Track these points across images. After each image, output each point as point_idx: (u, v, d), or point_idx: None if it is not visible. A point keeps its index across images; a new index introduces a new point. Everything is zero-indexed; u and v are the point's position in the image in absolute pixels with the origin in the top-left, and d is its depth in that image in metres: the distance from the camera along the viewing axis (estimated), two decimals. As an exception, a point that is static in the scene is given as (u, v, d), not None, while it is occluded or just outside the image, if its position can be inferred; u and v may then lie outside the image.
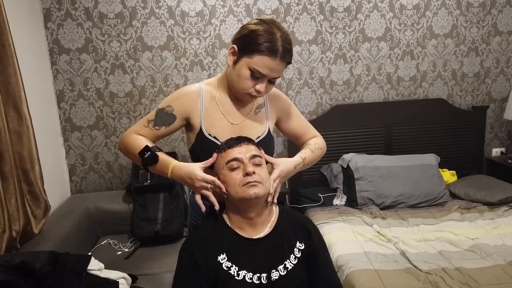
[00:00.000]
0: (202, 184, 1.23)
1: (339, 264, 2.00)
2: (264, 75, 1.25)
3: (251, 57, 1.23)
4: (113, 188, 2.90)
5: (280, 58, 1.24)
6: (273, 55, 1.22)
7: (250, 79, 1.26)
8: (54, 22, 2.60)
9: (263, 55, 1.22)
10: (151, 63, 2.76)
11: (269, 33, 1.23)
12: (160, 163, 1.29)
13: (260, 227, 1.25)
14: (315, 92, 3.01)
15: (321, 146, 1.48)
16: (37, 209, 2.01)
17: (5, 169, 1.75)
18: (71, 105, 2.73)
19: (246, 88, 1.28)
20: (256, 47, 1.22)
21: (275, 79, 1.30)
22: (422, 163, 2.84)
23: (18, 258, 1.48)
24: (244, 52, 1.25)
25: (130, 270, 1.91)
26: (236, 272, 1.18)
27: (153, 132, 1.36)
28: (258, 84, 1.27)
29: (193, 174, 1.23)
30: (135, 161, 1.35)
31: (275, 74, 1.27)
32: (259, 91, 1.28)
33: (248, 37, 1.25)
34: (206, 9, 2.73)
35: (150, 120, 1.36)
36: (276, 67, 1.25)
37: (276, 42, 1.22)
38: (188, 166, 1.26)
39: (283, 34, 1.25)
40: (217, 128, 1.35)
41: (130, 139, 1.35)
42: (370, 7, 2.92)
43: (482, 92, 3.20)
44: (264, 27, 1.24)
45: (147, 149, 1.29)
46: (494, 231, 2.28)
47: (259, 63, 1.23)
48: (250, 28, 1.25)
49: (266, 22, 1.26)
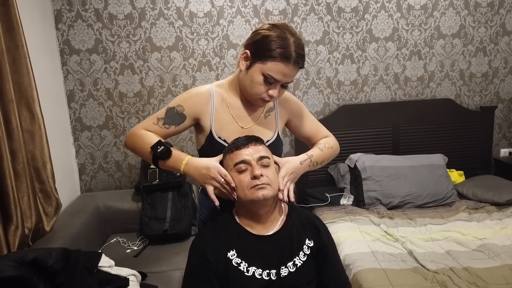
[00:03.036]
0: (217, 175, 1.23)
1: (347, 263, 2.01)
2: (278, 80, 1.26)
3: (265, 63, 1.24)
4: (122, 187, 2.93)
5: (294, 64, 1.25)
6: (287, 60, 1.23)
7: (263, 84, 1.27)
8: (65, 23, 2.64)
9: (276, 61, 1.23)
10: (159, 64, 2.79)
11: (282, 39, 1.24)
12: (173, 157, 1.30)
13: (269, 225, 1.26)
14: (322, 92, 3.02)
15: (331, 145, 1.47)
16: (48, 207, 2.04)
17: (18, 167, 1.78)
18: (81, 105, 2.77)
19: (259, 93, 1.29)
20: (270, 53, 1.23)
21: (288, 84, 1.32)
22: (429, 163, 2.83)
23: (31, 254, 1.50)
24: (257, 58, 1.26)
25: (139, 268, 1.93)
26: (246, 268, 1.20)
27: (162, 130, 1.37)
28: (271, 89, 1.28)
29: (210, 163, 1.25)
30: (143, 155, 1.35)
31: (288, 79, 1.28)
32: (272, 96, 1.29)
33: (261, 43, 1.26)
34: (214, 10, 2.76)
35: (160, 118, 1.37)
36: (289, 72, 1.26)
37: (289, 48, 1.23)
38: (205, 159, 1.28)
39: (296, 39, 1.26)
40: (227, 131, 1.36)
41: (140, 134, 1.35)
42: (377, 7, 2.92)
43: (490, 92, 3.19)
44: (277, 33, 1.25)
45: (160, 143, 1.30)
46: (502, 231, 2.27)
47: (273, 69, 1.24)
48: (263, 34, 1.26)
49: (278, 27, 1.26)
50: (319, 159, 1.41)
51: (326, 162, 1.46)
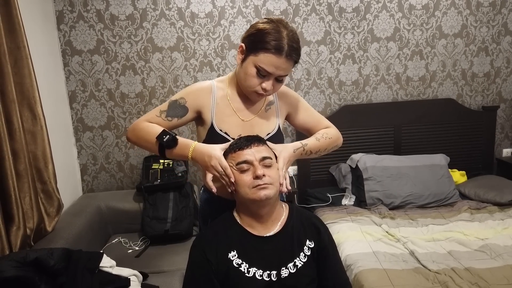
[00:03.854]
0: (217, 165, 1.22)
1: (348, 264, 2.01)
2: (270, 73, 1.26)
3: (257, 55, 1.25)
4: (124, 188, 2.94)
5: (286, 56, 1.24)
6: (278, 52, 1.23)
7: (256, 77, 1.28)
8: (67, 24, 2.65)
9: (268, 52, 1.23)
10: (161, 64, 2.79)
11: (275, 31, 1.24)
12: (179, 145, 1.29)
13: (270, 225, 1.26)
14: (324, 92, 3.02)
15: (330, 136, 1.46)
16: (50, 208, 2.05)
17: (20, 168, 1.78)
18: (83, 105, 2.77)
19: (252, 86, 1.30)
20: (262, 45, 1.24)
21: (283, 78, 1.31)
22: (431, 163, 2.83)
23: (33, 254, 1.51)
24: (251, 50, 1.27)
25: (141, 268, 1.94)
26: (247, 269, 1.20)
27: (165, 122, 1.37)
28: (265, 82, 1.28)
29: (213, 152, 1.23)
30: (147, 147, 1.34)
31: (281, 72, 1.27)
32: (265, 89, 1.29)
33: (255, 36, 1.27)
34: (216, 10, 2.76)
35: (162, 111, 1.37)
36: (281, 65, 1.25)
37: (281, 40, 1.23)
38: (210, 146, 1.27)
39: (290, 32, 1.25)
40: (228, 124, 1.37)
41: (143, 126, 1.35)
42: (379, 7, 2.92)
43: (492, 92, 3.18)
44: (271, 26, 1.25)
45: (165, 132, 1.29)
46: (504, 231, 2.27)
47: (264, 61, 1.25)
48: (258, 27, 1.27)
49: (274, 21, 1.27)
50: (314, 148, 1.40)
51: (324, 152, 1.45)
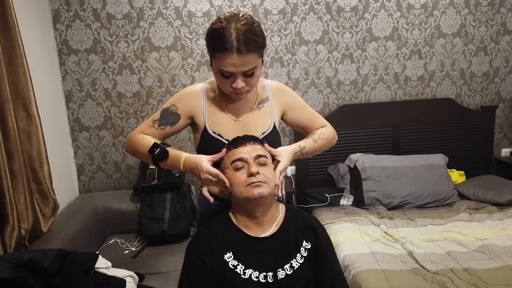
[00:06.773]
0: (207, 176, 1.22)
1: (346, 264, 2.00)
2: (231, 72, 1.22)
3: (215, 58, 1.24)
4: (121, 188, 2.92)
5: (237, 52, 1.18)
6: (228, 50, 1.18)
7: (224, 79, 1.26)
8: (63, 23, 2.63)
9: (219, 53, 1.20)
10: (158, 64, 2.78)
11: (221, 29, 1.19)
12: (171, 157, 1.29)
13: (266, 226, 1.25)
14: (322, 92, 3.00)
15: (327, 136, 1.46)
16: (45, 208, 2.03)
17: (14, 168, 1.76)
18: (80, 105, 2.76)
19: (226, 88, 1.29)
20: (214, 47, 1.22)
21: (251, 71, 1.24)
22: (430, 163, 2.82)
23: (26, 256, 1.49)
24: (210, 55, 1.26)
25: (137, 269, 1.92)
26: (242, 271, 1.18)
27: (158, 131, 1.37)
28: (233, 82, 1.25)
29: (200, 165, 1.23)
30: (144, 159, 1.36)
31: (243, 67, 1.21)
32: (236, 88, 1.25)
33: (208, 39, 1.26)
34: (213, 10, 2.74)
35: (155, 120, 1.38)
36: (237, 61, 1.19)
37: (227, 38, 1.17)
38: (197, 158, 1.26)
39: (237, 24, 1.18)
40: (220, 125, 1.36)
41: (137, 139, 1.36)
42: (377, 7, 2.90)
43: (491, 91, 3.17)
44: (219, 25, 1.21)
45: (156, 145, 1.29)
46: (503, 231, 2.26)
47: (221, 62, 1.21)
48: (208, 30, 1.25)
49: (223, 20, 1.22)
50: (310, 151, 1.41)
51: (319, 152, 1.46)
